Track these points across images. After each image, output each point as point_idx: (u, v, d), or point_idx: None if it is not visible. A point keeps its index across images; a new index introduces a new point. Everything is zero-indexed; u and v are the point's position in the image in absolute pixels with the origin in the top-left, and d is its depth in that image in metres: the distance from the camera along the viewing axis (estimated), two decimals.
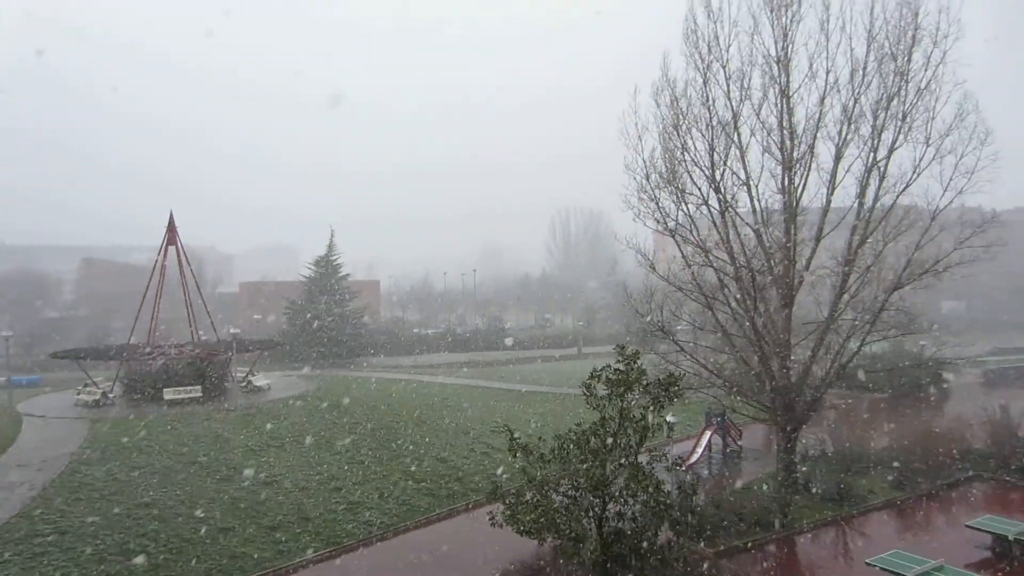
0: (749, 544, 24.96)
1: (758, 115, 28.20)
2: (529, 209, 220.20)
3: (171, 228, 53.69)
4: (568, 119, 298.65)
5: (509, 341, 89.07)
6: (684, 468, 24.20)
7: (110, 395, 46.69)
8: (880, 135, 27.57)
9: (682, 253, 30.11)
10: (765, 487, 29.90)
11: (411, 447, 35.57)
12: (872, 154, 27.86)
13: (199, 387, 46.74)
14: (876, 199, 28.23)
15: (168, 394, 45.29)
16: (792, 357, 29.53)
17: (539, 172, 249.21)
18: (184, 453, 33.11)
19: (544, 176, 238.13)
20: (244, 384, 50.13)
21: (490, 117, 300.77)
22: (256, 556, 24.05)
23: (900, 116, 27.24)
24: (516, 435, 23.36)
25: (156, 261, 54.05)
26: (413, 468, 32.90)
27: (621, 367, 22.39)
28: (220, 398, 47.03)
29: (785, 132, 28.06)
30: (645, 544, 21.43)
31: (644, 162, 29.46)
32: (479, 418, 41.70)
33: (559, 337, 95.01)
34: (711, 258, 29.31)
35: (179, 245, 54.35)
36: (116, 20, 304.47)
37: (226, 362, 52.78)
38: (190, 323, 57.06)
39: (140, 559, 23.29)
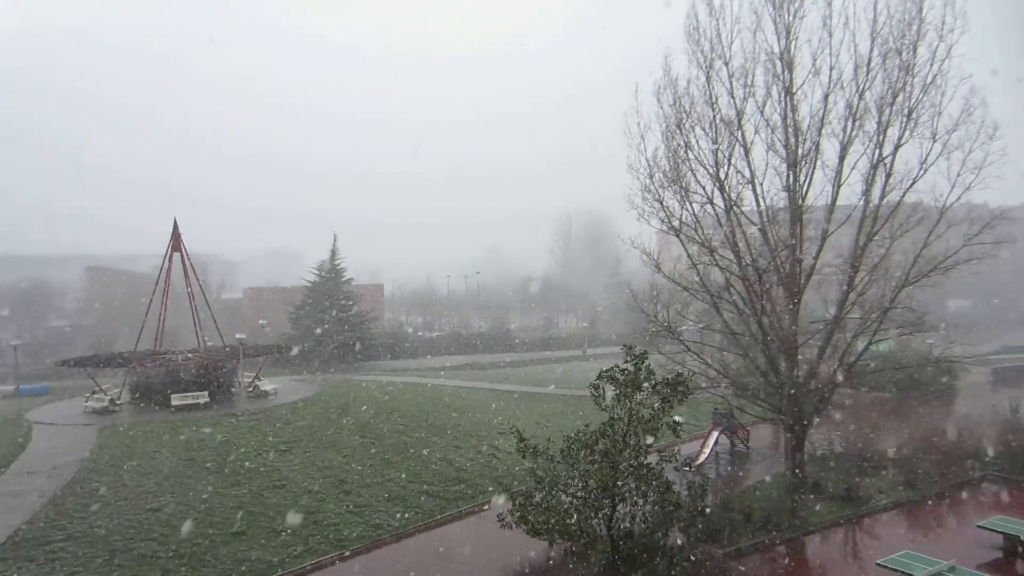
0: (758, 545, 24.88)
1: (762, 113, 28.20)
2: (531, 213, 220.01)
3: (175, 235, 53.71)
4: (569, 124, 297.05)
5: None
6: (692, 469, 24.12)
7: (118, 402, 46.70)
8: (886, 131, 27.42)
9: (687, 252, 30.05)
10: (773, 487, 29.80)
11: (418, 449, 35.49)
12: (878, 150, 27.69)
13: (206, 393, 46.73)
14: (882, 196, 28.04)
15: (175, 400, 45.27)
16: (799, 356, 29.42)
17: (540, 177, 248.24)
18: (192, 458, 33.09)
19: (545, 181, 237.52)
20: (251, 389, 50.09)
21: (493, 125, 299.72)
22: (265, 560, 24.08)
23: (906, 112, 27.08)
24: (525, 437, 23.31)
25: (161, 269, 54.11)
26: (420, 470, 32.85)
27: (629, 367, 22.33)
28: (227, 403, 47.08)
29: (789, 129, 28.01)
30: (654, 545, 21.39)
31: (647, 161, 29.51)
32: (485, 420, 41.60)
33: (563, 339, 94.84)
34: (716, 257, 29.24)
35: (184, 252, 54.32)
36: (120, 26, 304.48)
37: (233, 367, 52.77)
38: (196, 329, 57.05)
39: (150, 564, 23.36)
